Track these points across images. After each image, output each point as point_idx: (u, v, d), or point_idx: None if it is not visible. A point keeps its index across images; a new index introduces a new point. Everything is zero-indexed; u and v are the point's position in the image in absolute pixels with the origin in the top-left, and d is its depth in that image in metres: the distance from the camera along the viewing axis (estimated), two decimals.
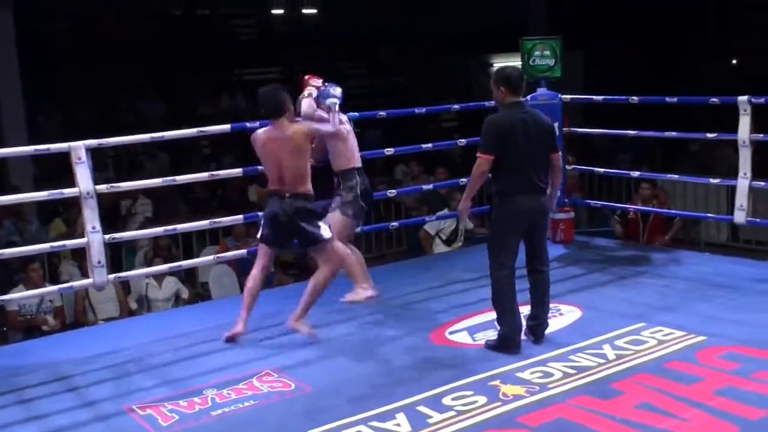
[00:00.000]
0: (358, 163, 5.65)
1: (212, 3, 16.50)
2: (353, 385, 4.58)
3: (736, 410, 3.99)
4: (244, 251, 6.56)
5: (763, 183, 6.27)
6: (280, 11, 17.19)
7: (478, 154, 4.91)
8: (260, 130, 5.34)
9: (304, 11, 17.30)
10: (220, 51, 14.84)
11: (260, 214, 6.54)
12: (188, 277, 8.56)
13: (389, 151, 6.87)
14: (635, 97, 6.67)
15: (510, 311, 4.93)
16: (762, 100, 6.07)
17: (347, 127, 5.66)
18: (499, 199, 4.93)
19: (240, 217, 6.42)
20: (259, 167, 6.32)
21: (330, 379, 4.68)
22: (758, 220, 6.57)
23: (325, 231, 5.23)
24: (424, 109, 7.32)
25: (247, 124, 6.14)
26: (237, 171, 6.46)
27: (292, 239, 5.40)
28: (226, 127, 6.22)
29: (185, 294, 8.18)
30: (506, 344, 4.89)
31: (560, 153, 5.09)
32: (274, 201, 5.24)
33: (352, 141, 5.66)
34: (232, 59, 15.13)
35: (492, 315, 5.44)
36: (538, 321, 5.04)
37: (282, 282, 8.51)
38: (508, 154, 4.82)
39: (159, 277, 7.98)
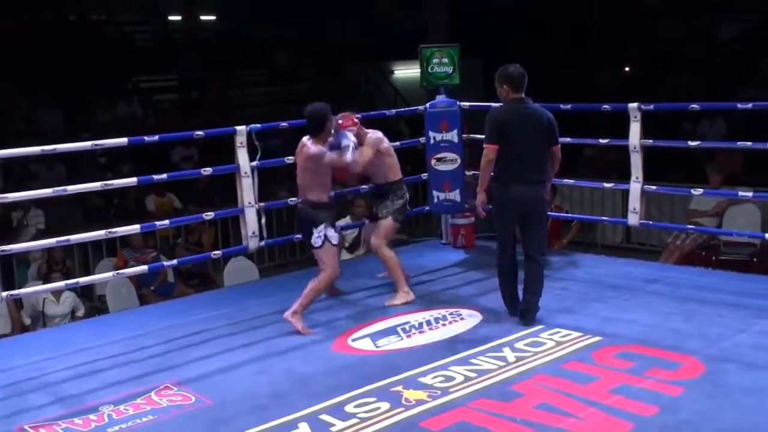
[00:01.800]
0: (401, 175, 6.22)
1: (107, 8, 16.13)
2: (254, 396, 4.52)
3: (630, 408, 4.10)
4: (144, 267, 6.41)
5: (654, 186, 6.48)
6: (178, 17, 16.94)
7: (484, 145, 5.33)
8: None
9: (202, 18, 17.09)
10: (116, 57, 14.49)
11: (157, 224, 6.44)
12: (84, 290, 8.32)
13: (290, 159, 6.80)
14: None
15: (505, 291, 5.50)
16: (651, 107, 6.27)
17: (386, 145, 6.13)
18: (498, 186, 5.32)
19: (137, 227, 6.27)
20: (155, 177, 6.21)
21: (230, 391, 4.62)
22: (650, 222, 6.77)
23: (318, 240, 5.53)
24: None
25: (146, 138, 6.01)
26: (131, 180, 6.31)
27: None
28: (123, 140, 6.08)
29: (81, 311, 7.95)
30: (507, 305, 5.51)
31: (560, 146, 5.38)
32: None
33: (395, 156, 6.21)
34: (129, 66, 14.80)
35: (393, 322, 5.55)
36: (527, 306, 5.36)
37: (183, 293, 8.36)
38: (506, 145, 5.22)
39: (56, 292, 7.73)
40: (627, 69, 15.84)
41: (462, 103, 7.26)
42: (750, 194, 6.33)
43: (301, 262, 9.65)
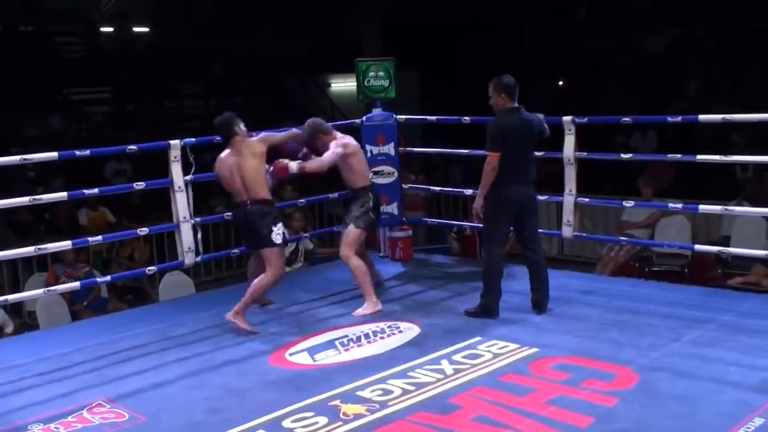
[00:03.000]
0: (367, 182, 6.27)
1: (37, 19, 15.78)
2: (189, 412, 4.44)
3: (567, 418, 4.13)
4: (77, 284, 6.27)
5: (587, 199, 6.57)
6: (110, 29, 16.67)
7: (487, 152, 5.60)
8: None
9: (135, 29, 16.85)
10: (46, 69, 14.19)
11: (90, 239, 6.31)
12: (13, 306, 8.10)
13: None
14: (467, 118, 6.85)
15: (494, 287, 5.75)
16: (585, 119, 6.37)
17: (349, 151, 6.15)
18: (494, 189, 5.60)
19: (68, 243, 6.13)
20: (86, 191, 6.08)
21: (165, 407, 4.53)
22: (584, 234, 6.86)
23: (278, 237, 5.65)
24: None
25: (77, 152, 5.90)
26: (62, 195, 6.16)
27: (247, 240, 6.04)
28: (54, 154, 5.94)
29: (10, 328, 7.73)
30: (486, 312, 5.73)
31: None
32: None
33: (362, 163, 6.29)
34: (59, 78, 14.51)
35: (331, 335, 5.51)
36: (539, 295, 5.78)
37: (117, 308, 8.21)
38: (507, 151, 5.55)
39: None
40: (561, 83, 16.09)
41: (398, 117, 7.28)
42: (680, 206, 6.48)
43: (238, 276, 9.55)
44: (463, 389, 4.54)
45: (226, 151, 5.83)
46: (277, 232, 5.67)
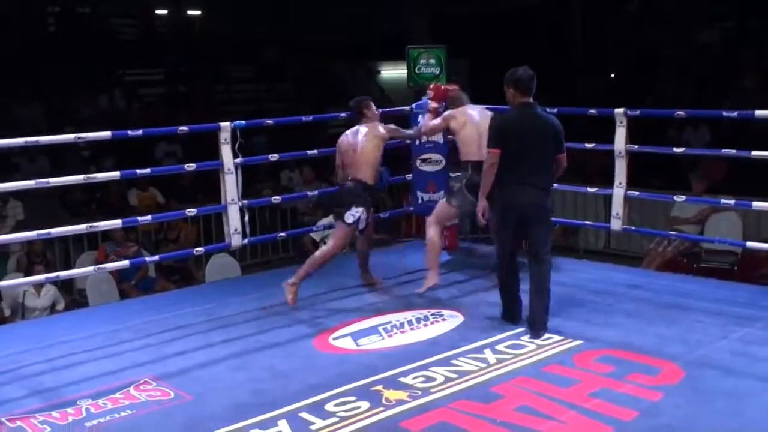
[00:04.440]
0: (473, 157, 5.99)
1: (93, 1, 16.03)
2: (234, 393, 4.50)
3: (610, 411, 4.10)
4: (126, 262, 6.37)
5: (637, 192, 6.49)
6: (164, 11, 16.86)
7: (487, 149, 5.30)
8: None
9: (189, 12, 17.02)
10: (101, 50, 14.40)
11: (139, 219, 6.40)
12: (64, 283, 8.26)
13: (274, 157, 6.80)
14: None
15: (506, 291, 5.40)
16: (637, 112, 6.29)
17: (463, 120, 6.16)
18: (498, 189, 5.24)
19: (118, 221, 6.23)
20: (138, 171, 6.17)
21: (210, 387, 4.59)
22: (633, 227, 6.79)
23: (350, 217, 5.86)
24: (311, 117, 7.26)
25: (129, 132, 5.97)
26: (114, 174, 6.25)
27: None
28: (107, 134, 6.04)
29: (61, 305, 7.89)
30: (504, 316, 5.42)
31: (565, 154, 5.30)
32: None
33: (466, 136, 6.13)
34: (114, 59, 14.72)
35: (375, 321, 5.55)
36: (534, 314, 5.22)
37: (164, 288, 8.33)
38: (511, 150, 5.14)
39: (37, 285, 7.67)
40: (612, 75, 15.91)
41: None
42: (732, 202, 6.37)
43: (284, 260, 9.65)
44: (505, 379, 4.53)
45: (353, 129, 6.12)
46: (351, 213, 5.87)
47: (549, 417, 4.07)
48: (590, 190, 7.34)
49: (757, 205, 6.02)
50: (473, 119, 6.16)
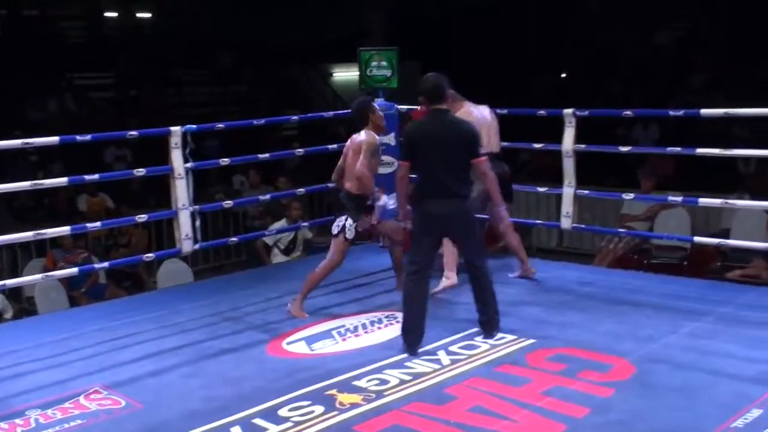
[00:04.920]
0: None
1: (40, 4, 15.77)
2: (186, 400, 4.45)
3: (563, 409, 4.13)
4: (75, 269, 6.27)
5: (586, 191, 6.55)
6: (114, 14, 16.65)
7: (398, 160, 5.25)
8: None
9: (139, 15, 16.84)
10: (50, 54, 14.19)
11: (88, 225, 6.30)
12: (12, 292, 8.11)
13: (225, 161, 6.74)
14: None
15: (407, 308, 5.01)
16: (586, 112, 6.35)
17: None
18: (417, 202, 5.09)
19: (66, 228, 6.13)
20: (87, 177, 6.07)
21: (162, 395, 4.54)
22: (583, 225, 6.85)
23: (334, 228, 5.82)
24: (263, 120, 7.20)
25: (78, 137, 5.88)
26: (62, 180, 6.15)
27: None
28: (55, 139, 5.92)
29: (9, 313, 7.74)
30: (402, 335, 5.03)
31: (484, 158, 5.11)
32: None
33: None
34: (63, 63, 14.51)
35: (328, 325, 5.53)
36: (484, 317, 5.16)
37: (115, 295, 8.22)
38: (421, 160, 4.98)
39: None
40: (564, 75, 16.06)
41: (399, 107, 7.26)
42: (680, 199, 6.46)
43: (236, 264, 9.59)
44: (459, 380, 4.54)
45: (359, 134, 5.96)
46: (336, 224, 5.87)
47: (502, 417, 4.09)
48: (541, 189, 7.40)
49: (703, 201, 6.12)
50: (477, 118, 6.03)
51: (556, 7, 15.99)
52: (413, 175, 5.10)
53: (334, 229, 5.87)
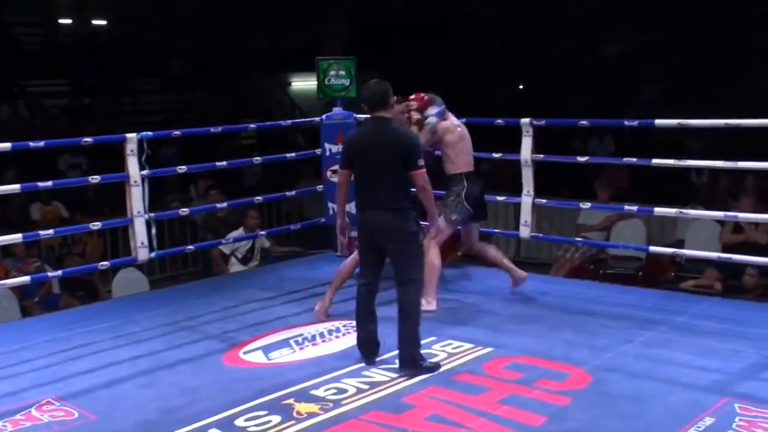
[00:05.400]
0: (467, 168, 5.97)
1: None
2: (141, 411, 4.38)
3: (520, 417, 4.15)
4: (27, 278, 6.16)
5: (544, 200, 6.61)
6: (68, 21, 16.45)
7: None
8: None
9: (94, 22, 16.66)
10: (3, 60, 13.97)
11: (41, 233, 6.20)
12: None
13: (182, 168, 6.67)
14: None
15: (359, 322, 4.97)
16: (543, 122, 6.41)
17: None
18: (356, 212, 4.99)
19: (18, 236, 6.02)
20: (40, 184, 5.97)
21: (116, 406, 4.47)
22: (541, 235, 6.90)
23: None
24: (220, 128, 7.14)
25: (31, 144, 5.79)
26: (15, 187, 6.05)
27: None
28: (7, 145, 5.82)
29: None
30: (358, 347, 4.99)
31: (423, 170, 4.79)
32: None
33: (465, 147, 6.01)
34: (17, 69, 14.30)
35: (286, 334, 5.50)
36: (400, 353, 4.78)
37: (69, 304, 8.08)
38: (357, 169, 4.86)
39: None
40: (521, 87, 16.22)
41: (358, 116, 7.26)
42: (635, 208, 6.55)
43: (194, 273, 9.49)
44: (416, 388, 4.54)
45: None
46: None
47: (459, 425, 4.09)
48: (499, 198, 7.44)
49: (658, 210, 6.21)
50: (463, 129, 6.07)
51: (512, 19, 16.14)
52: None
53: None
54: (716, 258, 6.42)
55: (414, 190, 4.88)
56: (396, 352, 4.85)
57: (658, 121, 5.99)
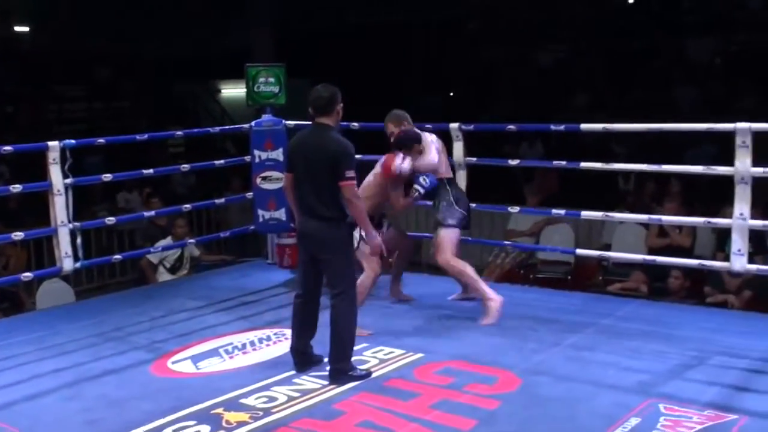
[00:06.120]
0: (447, 174, 5.96)
1: None
2: (65, 424, 4.29)
3: (450, 422, 4.16)
4: None
5: (474, 204, 6.64)
6: None
7: None
8: None
9: (16, 28, 16.26)
10: None
11: None
12: None
13: (107, 177, 6.54)
14: (356, 123, 6.83)
15: (293, 332, 4.92)
16: (471, 127, 6.47)
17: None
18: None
19: None
20: None
21: (39, 419, 4.36)
22: (470, 238, 6.95)
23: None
24: (146, 136, 7.02)
25: None
26: None
27: None
28: None
29: None
30: (291, 354, 4.94)
31: (351, 182, 4.63)
32: None
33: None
34: None
35: (215, 343, 5.42)
36: (330, 365, 4.76)
37: None
38: (297, 174, 4.79)
39: None
40: (451, 93, 16.33)
41: (287, 122, 7.23)
42: (563, 212, 6.63)
43: (122, 284, 9.32)
44: (347, 395, 4.52)
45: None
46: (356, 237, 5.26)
47: (390, 431, 4.08)
48: (429, 202, 7.45)
49: (585, 214, 6.30)
50: (437, 142, 6.01)
51: (444, 28, 16.28)
52: None
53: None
54: (641, 260, 6.54)
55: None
56: (326, 359, 4.83)
57: (584, 126, 6.09)
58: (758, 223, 5.55)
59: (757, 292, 7.23)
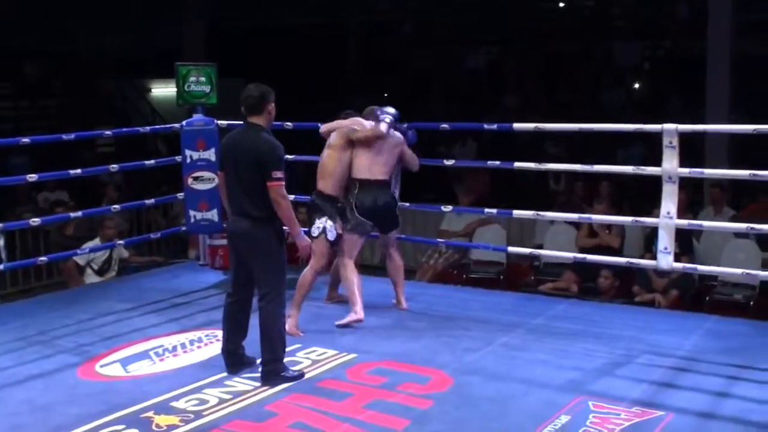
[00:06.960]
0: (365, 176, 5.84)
1: None
2: None
3: (383, 422, 4.16)
4: None
5: (407, 204, 6.65)
6: None
7: None
8: None
9: None
10: None
11: None
12: None
13: (32, 177, 6.37)
14: (289, 123, 6.79)
15: (223, 333, 4.88)
16: (404, 125, 6.47)
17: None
18: None
19: None
20: None
21: None
22: (403, 236, 6.96)
23: (316, 230, 5.70)
24: (73, 135, 6.85)
25: None
26: None
27: None
28: None
29: None
30: (222, 356, 4.89)
31: (279, 182, 4.60)
32: None
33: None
34: None
35: (145, 346, 5.36)
36: (262, 366, 4.72)
37: None
38: (228, 172, 4.79)
39: None
40: (385, 95, 16.36)
41: (220, 122, 7.15)
42: (494, 211, 6.69)
43: (48, 286, 9.12)
44: (279, 396, 4.49)
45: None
46: (316, 226, 5.70)
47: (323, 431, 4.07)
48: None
49: (517, 213, 6.37)
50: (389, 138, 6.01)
51: (378, 29, 16.33)
52: None
53: (314, 232, 5.68)
54: (572, 259, 6.64)
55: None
56: (258, 360, 4.79)
57: (517, 125, 6.16)
58: (684, 222, 5.67)
59: (682, 292, 7.42)
